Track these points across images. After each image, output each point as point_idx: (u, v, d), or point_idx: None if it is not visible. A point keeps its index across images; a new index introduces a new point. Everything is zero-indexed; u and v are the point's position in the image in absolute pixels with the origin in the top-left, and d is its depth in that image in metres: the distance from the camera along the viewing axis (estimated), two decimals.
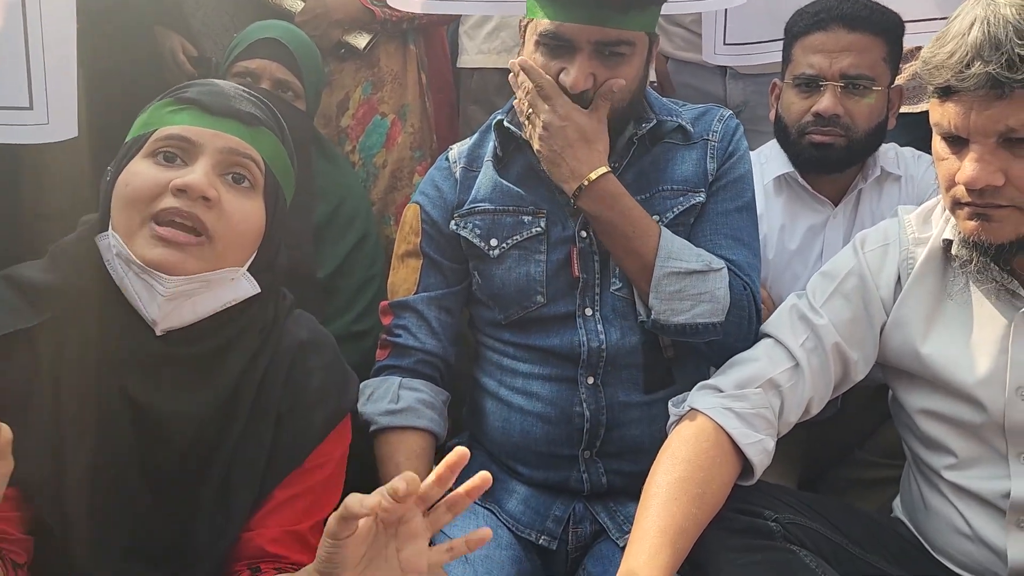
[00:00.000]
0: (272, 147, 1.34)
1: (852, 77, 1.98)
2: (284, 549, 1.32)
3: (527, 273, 1.67)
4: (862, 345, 1.52)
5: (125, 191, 1.24)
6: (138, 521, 1.26)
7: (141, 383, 1.25)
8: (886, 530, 1.53)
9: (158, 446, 1.26)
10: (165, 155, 1.26)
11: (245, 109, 1.30)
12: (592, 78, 1.55)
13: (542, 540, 1.66)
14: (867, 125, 2.02)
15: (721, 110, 1.74)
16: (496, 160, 1.71)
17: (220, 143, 1.27)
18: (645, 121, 1.67)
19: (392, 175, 2.59)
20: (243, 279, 1.31)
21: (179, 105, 1.29)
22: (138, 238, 1.22)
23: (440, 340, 1.75)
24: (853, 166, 2.09)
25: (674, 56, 2.83)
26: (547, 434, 1.67)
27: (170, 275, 1.22)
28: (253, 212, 1.30)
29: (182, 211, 1.22)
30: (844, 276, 1.54)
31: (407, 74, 2.63)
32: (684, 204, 1.66)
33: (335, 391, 1.41)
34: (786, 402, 1.48)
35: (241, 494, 1.31)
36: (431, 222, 1.74)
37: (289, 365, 1.37)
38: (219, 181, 1.26)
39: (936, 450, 1.49)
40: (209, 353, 1.29)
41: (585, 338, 1.63)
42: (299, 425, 1.36)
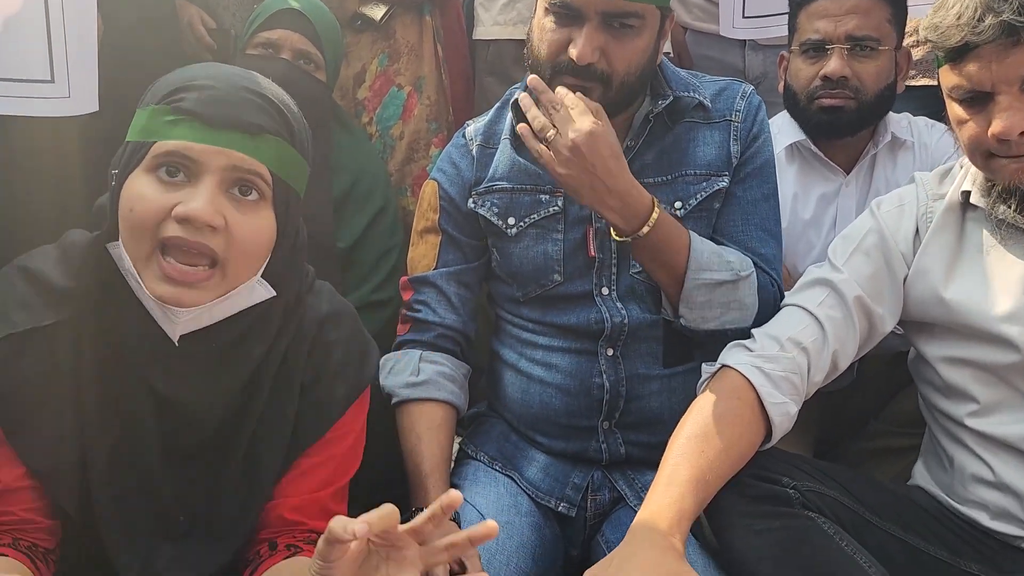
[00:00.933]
0: (278, 154, 1.25)
1: (858, 38, 2.00)
2: (304, 516, 1.34)
3: (544, 252, 1.67)
4: (885, 298, 1.54)
5: (130, 216, 1.20)
6: (163, 504, 1.28)
7: (163, 378, 1.25)
8: (903, 499, 1.54)
9: (183, 432, 1.28)
10: (168, 170, 1.19)
11: (247, 119, 1.21)
12: (599, 52, 1.53)
13: (561, 507, 1.68)
14: (876, 87, 2.03)
15: (743, 86, 1.72)
16: (514, 138, 1.71)
17: (223, 161, 1.19)
18: (662, 97, 1.64)
19: (409, 147, 2.59)
20: (258, 286, 1.28)
21: (177, 116, 1.20)
22: (148, 270, 1.20)
23: (460, 315, 1.75)
24: (864, 129, 2.10)
25: (692, 27, 2.82)
26: (566, 405, 1.68)
27: (181, 308, 1.21)
28: (263, 226, 1.25)
29: (189, 243, 1.17)
30: (864, 235, 1.56)
31: (423, 46, 2.63)
32: (708, 190, 1.65)
33: (356, 363, 1.42)
34: (812, 360, 1.49)
35: (267, 466, 1.32)
36: (448, 199, 1.75)
37: (312, 339, 1.38)
38: (224, 200, 1.20)
39: (958, 399, 1.51)
40: (229, 344, 1.29)
41: (608, 314, 1.64)
42: (322, 397, 1.37)
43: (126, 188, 1.21)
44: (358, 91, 2.59)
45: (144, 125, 1.22)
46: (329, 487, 1.37)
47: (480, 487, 1.65)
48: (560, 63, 1.56)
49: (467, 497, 1.62)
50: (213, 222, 1.17)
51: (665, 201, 1.64)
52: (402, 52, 2.60)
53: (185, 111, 1.19)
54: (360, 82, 2.59)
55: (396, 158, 2.59)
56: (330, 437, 1.38)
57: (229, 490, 1.31)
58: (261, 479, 1.32)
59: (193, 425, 1.28)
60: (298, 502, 1.34)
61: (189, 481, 1.30)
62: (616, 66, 1.55)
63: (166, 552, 1.28)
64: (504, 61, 2.74)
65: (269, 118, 1.24)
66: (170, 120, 1.19)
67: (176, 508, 1.29)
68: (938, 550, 1.47)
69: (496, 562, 1.49)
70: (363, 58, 2.59)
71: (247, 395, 1.31)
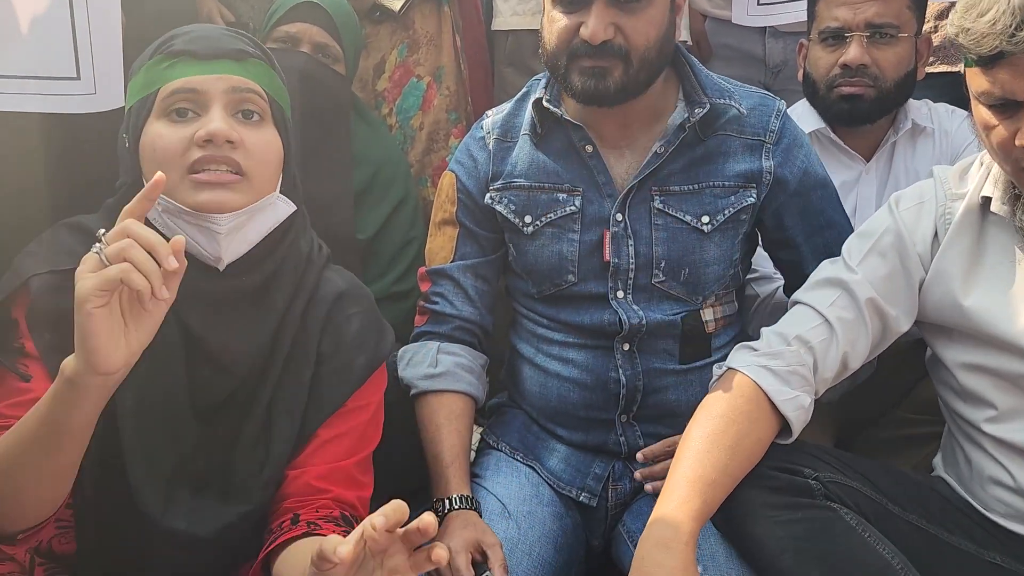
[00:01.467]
0: (266, 74, 1.37)
1: (878, 26, 1.99)
2: (330, 484, 1.36)
3: (559, 252, 1.67)
4: (900, 300, 1.52)
5: (154, 155, 1.29)
6: (184, 451, 1.32)
7: (202, 319, 1.31)
8: (926, 489, 1.54)
9: (213, 379, 1.33)
10: (177, 111, 1.30)
11: (233, 46, 1.34)
12: (613, 28, 1.52)
13: (583, 497, 1.69)
14: (895, 74, 2.02)
15: (777, 103, 1.69)
16: (533, 134, 1.70)
17: (223, 85, 1.31)
18: (698, 105, 1.62)
19: (429, 137, 2.59)
20: (279, 201, 1.36)
21: (171, 59, 1.32)
22: (180, 190, 1.27)
23: (477, 307, 1.76)
24: (883, 116, 2.08)
25: (712, 14, 2.79)
26: (584, 399, 1.69)
27: (221, 213, 1.27)
28: (271, 141, 1.35)
29: (215, 157, 1.27)
30: (880, 234, 1.54)
31: (442, 36, 2.62)
32: (736, 204, 1.64)
33: (373, 337, 1.46)
34: (818, 359, 1.49)
35: (282, 430, 1.36)
36: (466, 192, 1.75)
37: (328, 310, 1.42)
38: (234, 121, 1.31)
39: (976, 404, 1.50)
40: (259, 285, 1.35)
41: (624, 316, 1.63)
42: (340, 366, 1.41)
43: (143, 139, 1.31)
44: (378, 82, 2.59)
45: (143, 81, 1.33)
46: (353, 456, 1.40)
47: (502, 477, 1.67)
48: (575, 47, 1.55)
49: (489, 487, 1.63)
50: (231, 136, 1.27)
51: (691, 213, 1.63)
52: (421, 43, 2.60)
53: (178, 51, 1.32)
54: (380, 73, 2.59)
55: (416, 149, 2.59)
56: (350, 407, 1.41)
57: (246, 449, 1.34)
58: (276, 443, 1.35)
59: (221, 373, 1.33)
60: (324, 470, 1.37)
61: (211, 434, 1.34)
62: (633, 40, 1.54)
63: (185, 499, 1.31)
64: (523, 51, 2.73)
65: (249, 45, 1.38)
66: (166, 65, 1.31)
67: (198, 458, 1.33)
68: (961, 540, 1.46)
69: (518, 552, 1.50)
70: (382, 49, 2.59)
71: (269, 353, 1.36)
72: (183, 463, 1.32)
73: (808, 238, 1.69)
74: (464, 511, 1.53)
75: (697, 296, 1.66)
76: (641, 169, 1.63)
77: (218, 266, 1.32)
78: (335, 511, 1.34)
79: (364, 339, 1.44)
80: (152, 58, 1.33)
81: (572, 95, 1.61)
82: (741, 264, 1.73)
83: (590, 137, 1.65)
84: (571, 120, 1.65)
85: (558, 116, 1.65)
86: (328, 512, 1.33)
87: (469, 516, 1.51)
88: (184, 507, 1.30)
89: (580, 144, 1.65)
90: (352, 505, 1.38)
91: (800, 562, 1.33)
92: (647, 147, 1.64)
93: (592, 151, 1.65)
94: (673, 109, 1.65)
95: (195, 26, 1.39)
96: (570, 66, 1.57)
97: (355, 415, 1.41)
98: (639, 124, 1.65)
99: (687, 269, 1.64)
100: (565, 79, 1.59)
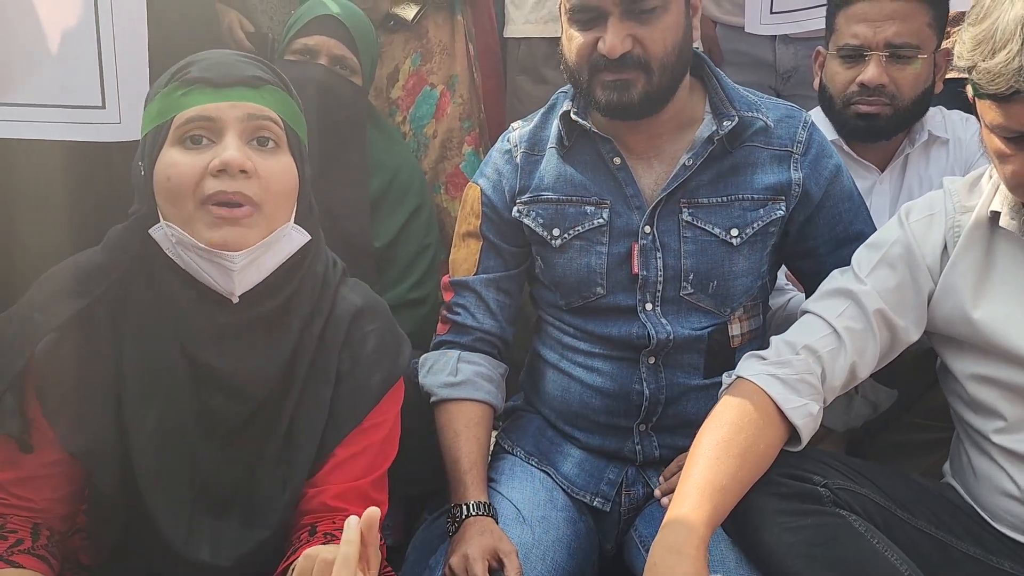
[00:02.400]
0: (282, 101, 1.37)
1: (897, 46, 1.96)
2: (346, 503, 1.37)
3: (588, 264, 1.67)
4: (908, 311, 1.53)
5: (168, 185, 1.29)
6: (204, 475, 1.33)
7: (214, 349, 1.31)
8: (935, 496, 1.55)
9: (228, 406, 1.33)
10: (192, 138, 1.29)
11: (248, 73, 1.33)
12: (631, 40, 1.53)
13: (596, 502, 1.70)
14: (913, 93, 2.00)
15: (803, 115, 1.70)
16: (561, 147, 1.71)
17: (238, 112, 1.30)
18: (727, 118, 1.63)
19: (442, 145, 2.61)
20: (293, 231, 1.36)
21: (186, 87, 1.31)
22: (196, 224, 1.28)
23: (498, 320, 1.77)
24: (899, 133, 2.08)
25: (722, 21, 2.80)
26: (605, 406, 1.70)
27: (236, 251, 1.28)
28: (286, 170, 1.34)
29: (227, 192, 1.27)
30: (890, 246, 1.55)
31: (455, 45, 2.64)
32: (766, 218, 1.65)
33: (390, 353, 1.47)
34: (827, 368, 1.50)
35: (303, 449, 1.37)
36: (491, 206, 1.76)
37: (346, 329, 1.43)
38: (248, 150, 1.30)
39: (985, 415, 1.51)
40: (272, 313, 1.36)
41: (653, 330, 1.64)
42: (357, 385, 1.42)
43: (157, 167, 1.30)
44: (391, 90, 2.62)
45: (158, 109, 1.33)
46: (369, 476, 1.42)
47: (517, 482, 1.68)
48: (595, 62, 1.57)
49: (504, 492, 1.65)
50: (245, 166, 1.27)
51: (720, 226, 1.64)
52: (434, 51, 2.62)
53: (193, 79, 1.31)
54: (393, 82, 2.62)
55: (430, 156, 2.61)
56: (366, 426, 1.42)
57: (268, 471, 1.36)
58: (298, 463, 1.37)
59: (237, 399, 1.34)
60: (340, 490, 1.38)
61: (230, 459, 1.35)
62: (652, 49, 1.54)
63: (207, 527, 1.33)
64: (535, 59, 2.74)
65: (265, 72, 1.37)
66: (182, 93, 1.31)
67: (221, 482, 1.34)
68: (970, 547, 1.47)
69: (532, 556, 1.52)
70: (396, 58, 2.62)
71: (286, 376, 1.37)
72: (205, 489, 1.34)
73: (833, 250, 1.69)
74: (481, 518, 1.54)
75: (725, 308, 1.67)
76: (669, 182, 1.63)
77: (231, 299, 1.33)
78: None
79: (381, 357, 1.45)
80: (168, 85, 1.33)
81: (597, 109, 1.62)
82: (769, 276, 1.74)
83: (618, 149, 1.66)
84: (599, 132, 1.66)
85: (586, 128, 1.66)
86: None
87: (486, 523, 1.53)
88: (207, 536, 1.32)
89: (608, 156, 1.66)
90: None
91: (810, 568, 1.34)
92: (675, 159, 1.65)
93: (620, 163, 1.66)
94: (700, 120, 1.66)
95: (211, 52, 1.40)
96: (592, 81, 1.58)
97: (372, 433, 1.43)
98: (667, 135, 1.66)
99: (716, 281, 1.65)
100: (589, 94, 1.60)
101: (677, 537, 1.30)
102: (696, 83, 1.70)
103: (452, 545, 1.52)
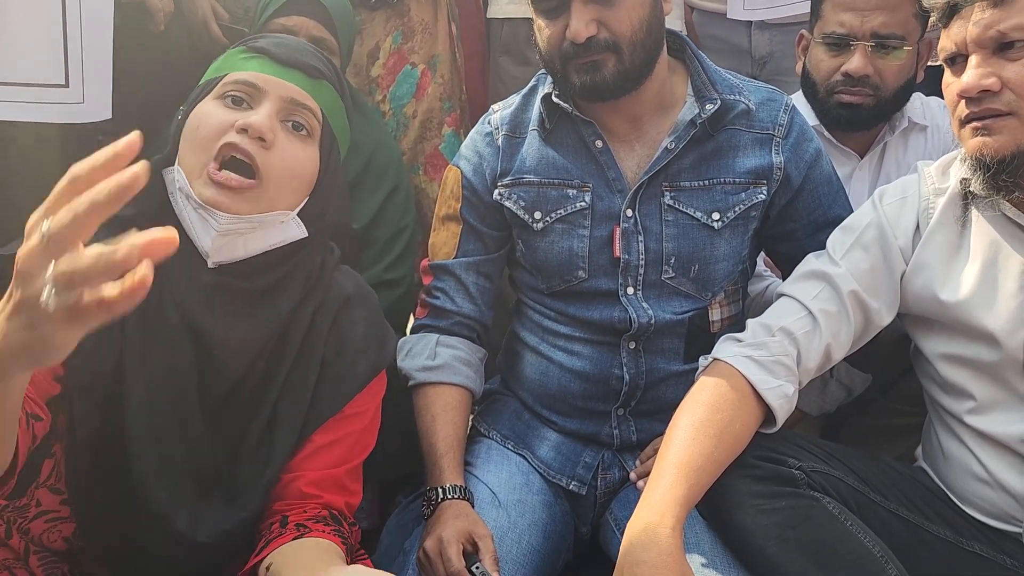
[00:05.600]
0: (332, 100, 1.41)
1: (883, 36, 1.95)
2: (320, 490, 1.38)
3: (569, 248, 1.67)
4: (882, 293, 1.55)
5: (195, 133, 1.32)
6: (192, 444, 1.33)
7: (197, 308, 1.31)
8: (908, 479, 1.56)
9: (213, 372, 1.33)
10: (233, 98, 1.34)
11: (310, 62, 1.38)
12: (595, 24, 1.53)
13: (572, 485, 1.71)
14: (896, 83, 2.01)
15: (785, 98, 1.70)
16: (542, 130, 1.70)
17: (283, 91, 1.34)
18: (709, 101, 1.63)
19: (422, 125, 2.59)
20: (292, 222, 1.36)
21: (251, 53, 1.37)
22: (198, 179, 1.29)
23: (477, 304, 1.77)
24: (881, 122, 2.08)
25: (699, 7, 2.79)
26: (584, 390, 1.71)
27: (224, 212, 1.29)
28: (307, 158, 1.36)
29: (240, 147, 1.29)
30: (863, 228, 1.56)
31: (438, 24, 2.61)
32: (747, 201, 1.65)
33: (376, 343, 1.47)
34: (802, 350, 1.51)
35: (285, 431, 1.37)
36: (471, 188, 1.75)
37: (335, 314, 1.44)
38: (279, 126, 1.33)
39: (956, 395, 1.53)
40: (259, 290, 1.36)
41: (634, 314, 1.64)
42: (342, 371, 1.42)
43: (193, 114, 1.34)
44: (371, 68, 2.59)
45: (219, 65, 1.40)
46: (345, 464, 1.42)
47: (493, 466, 1.69)
48: (565, 51, 1.57)
49: (480, 475, 1.66)
50: (266, 134, 1.30)
51: (702, 209, 1.64)
52: (416, 30, 2.60)
53: (258, 48, 1.38)
54: (374, 59, 2.59)
55: (409, 136, 2.59)
56: (348, 413, 1.42)
57: (249, 450, 1.36)
58: (278, 445, 1.37)
59: (222, 368, 1.33)
60: (315, 477, 1.38)
61: (216, 435, 1.35)
62: (618, 29, 1.54)
63: (188, 498, 1.32)
64: (518, 40, 2.73)
65: (327, 68, 1.42)
66: (244, 56, 1.38)
67: (205, 456, 1.34)
68: (941, 529, 1.49)
69: (508, 539, 1.53)
70: (377, 36, 2.59)
71: (273, 354, 1.37)
72: (191, 459, 1.33)
73: (811, 234, 1.70)
74: (456, 501, 1.55)
75: (707, 292, 1.68)
76: (651, 165, 1.63)
77: (207, 260, 1.32)
78: (323, 512, 1.36)
79: (367, 345, 1.45)
80: (235, 47, 1.40)
81: (573, 94, 1.62)
82: (749, 260, 1.74)
83: (600, 132, 1.66)
84: (580, 116, 1.65)
85: (567, 111, 1.66)
86: (316, 512, 1.35)
87: (461, 506, 1.53)
88: (187, 506, 1.31)
89: (590, 139, 1.66)
90: (340, 510, 1.39)
91: (784, 550, 1.36)
92: (657, 141, 1.65)
93: (602, 146, 1.66)
94: (682, 102, 1.66)
95: (286, 36, 1.46)
96: (565, 67, 1.58)
97: (351, 421, 1.43)
98: (648, 117, 1.66)
99: (697, 265, 1.65)
100: (564, 81, 1.61)
101: (653, 516, 1.31)
102: (678, 65, 1.70)
103: (427, 528, 1.52)
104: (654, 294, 1.66)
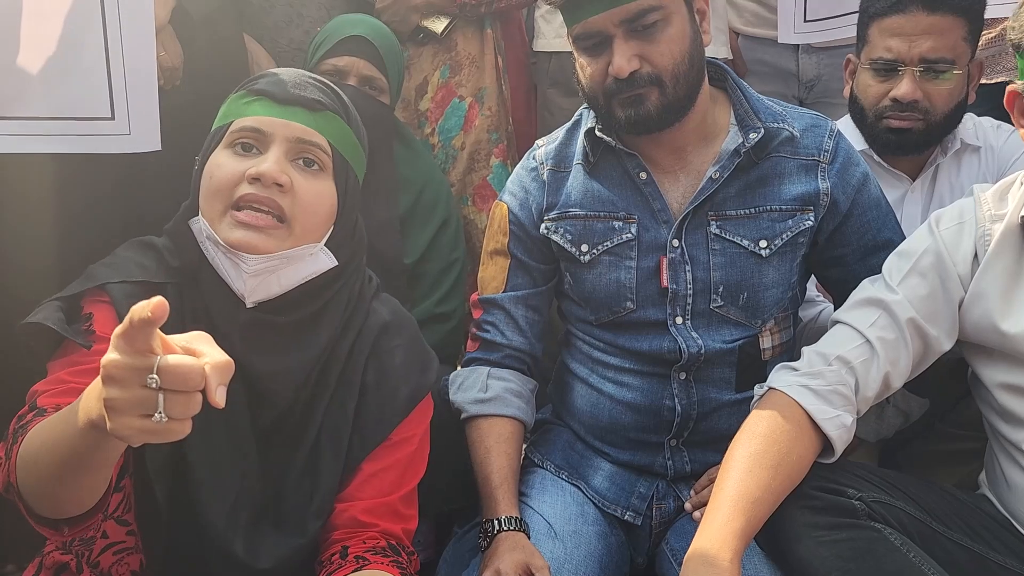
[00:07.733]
0: (337, 129, 1.42)
1: (932, 61, 1.93)
2: (375, 518, 1.39)
3: (617, 280, 1.68)
4: (941, 320, 1.53)
5: (210, 183, 1.36)
6: (245, 474, 1.36)
7: (240, 345, 1.34)
8: (970, 508, 1.54)
9: (261, 404, 1.37)
10: (242, 145, 1.37)
11: (309, 96, 1.39)
12: (637, 59, 1.54)
13: (627, 516, 1.71)
14: (946, 107, 1.98)
15: (829, 123, 1.69)
16: (586, 163, 1.71)
17: (288, 132, 1.36)
18: (752, 130, 1.63)
19: (470, 157, 2.63)
20: (321, 253, 1.40)
21: (251, 97, 1.40)
22: (222, 223, 1.34)
23: (527, 337, 1.78)
24: (932, 146, 2.06)
25: (745, 32, 2.80)
26: (636, 422, 1.70)
27: (251, 254, 1.32)
28: (325, 193, 1.39)
29: (259, 197, 1.33)
30: (920, 254, 1.54)
31: (484, 58, 2.66)
32: (794, 228, 1.64)
33: (417, 368, 1.49)
34: (860, 378, 1.49)
35: (328, 461, 1.39)
36: (518, 223, 1.76)
37: (373, 341, 1.46)
38: (291, 167, 1.36)
39: (1016, 424, 1.50)
40: (299, 322, 1.39)
41: (684, 344, 1.64)
42: (384, 398, 1.44)
43: (207, 164, 1.38)
44: (420, 102, 2.64)
45: (224, 111, 1.43)
46: (398, 491, 1.43)
47: (548, 496, 1.69)
48: (608, 87, 1.58)
49: (535, 506, 1.66)
50: (280, 180, 1.33)
51: (749, 237, 1.64)
52: (463, 64, 2.64)
53: (257, 91, 1.40)
54: (422, 94, 2.64)
55: (458, 168, 2.63)
56: (395, 440, 1.44)
57: (295, 479, 1.38)
58: (324, 473, 1.39)
59: (269, 401, 1.37)
60: (369, 505, 1.40)
61: (264, 463, 1.38)
62: (660, 63, 1.55)
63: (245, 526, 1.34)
64: (566, 72, 2.71)
65: (328, 98, 1.43)
66: (245, 101, 1.40)
67: (255, 487, 1.37)
68: (1006, 559, 1.46)
69: (565, 571, 1.52)
70: (425, 70, 2.64)
71: (316, 384, 1.40)
72: (245, 488, 1.35)
73: (861, 259, 1.69)
74: (513, 533, 1.55)
75: (756, 320, 1.67)
76: (696, 195, 1.64)
77: (244, 301, 1.36)
78: (382, 542, 1.38)
79: (408, 371, 1.47)
80: (237, 92, 1.42)
81: (618, 128, 1.63)
82: (799, 287, 1.73)
83: (644, 164, 1.66)
84: (624, 148, 1.66)
85: (611, 145, 1.67)
86: (375, 543, 1.37)
87: (518, 538, 1.54)
88: (243, 534, 1.33)
89: (634, 172, 1.67)
90: (398, 537, 1.41)
91: None
92: (701, 171, 1.66)
93: (647, 178, 1.67)
94: (725, 131, 1.66)
95: (284, 70, 1.47)
96: (609, 103, 1.59)
97: (400, 447, 1.45)
98: (691, 148, 1.67)
99: (746, 293, 1.65)
100: (609, 116, 1.62)
101: (711, 549, 1.30)
102: (719, 94, 1.70)
103: (484, 560, 1.53)
104: (703, 323, 1.66)
